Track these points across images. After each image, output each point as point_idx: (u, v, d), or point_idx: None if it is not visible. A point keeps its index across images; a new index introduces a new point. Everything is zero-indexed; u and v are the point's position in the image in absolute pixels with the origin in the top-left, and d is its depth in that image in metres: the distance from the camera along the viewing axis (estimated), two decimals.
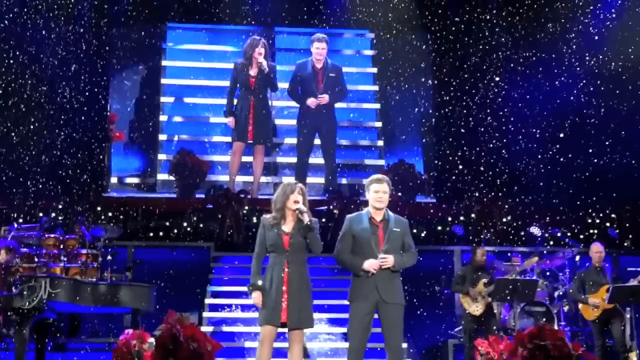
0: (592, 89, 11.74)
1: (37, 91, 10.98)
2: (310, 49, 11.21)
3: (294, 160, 11.65)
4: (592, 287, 9.59)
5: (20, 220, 9.46)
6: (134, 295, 8.59)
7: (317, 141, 11.41)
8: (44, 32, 11.03)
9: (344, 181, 11.83)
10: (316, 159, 11.65)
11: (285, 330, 7.19)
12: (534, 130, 11.69)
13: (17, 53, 10.96)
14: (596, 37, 11.79)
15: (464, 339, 9.54)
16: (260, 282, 7.09)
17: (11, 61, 10.94)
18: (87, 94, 11.21)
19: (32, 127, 10.84)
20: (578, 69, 11.74)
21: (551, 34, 11.85)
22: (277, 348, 7.71)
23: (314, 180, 11.76)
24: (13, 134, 10.73)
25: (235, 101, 11.06)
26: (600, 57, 11.73)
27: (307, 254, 7.26)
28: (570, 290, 9.82)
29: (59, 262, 8.78)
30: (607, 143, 11.57)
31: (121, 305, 8.60)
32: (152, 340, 7.57)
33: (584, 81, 11.73)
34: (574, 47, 11.77)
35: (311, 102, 10.96)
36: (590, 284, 9.62)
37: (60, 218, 9.87)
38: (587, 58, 11.76)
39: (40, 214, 9.81)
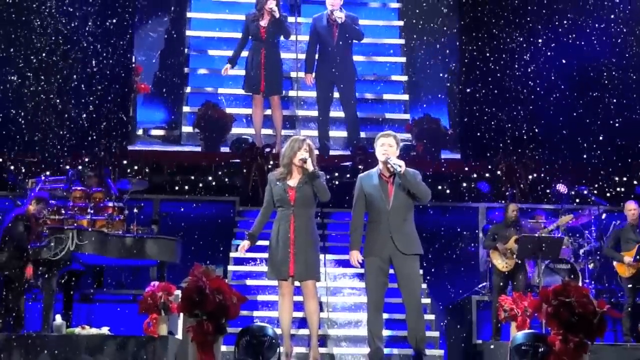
0: (619, 42, 11.56)
1: (62, 43, 10.97)
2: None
3: (316, 113, 11.63)
4: (627, 245, 9.50)
5: (47, 173, 9.50)
6: (160, 248, 8.65)
7: (337, 94, 11.38)
8: None
9: (363, 135, 11.74)
10: (340, 113, 11.61)
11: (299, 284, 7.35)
12: (561, 86, 11.55)
13: (41, 5, 10.93)
14: None
15: (493, 295, 9.54)
16: (253, 232, 7.48)
17: (35, 12, 10.91)
18: (112, 45, 11.19)
19: (57, 79, 10.85)
20: (607, 24, 11.54)
21: None
22: (300, 302, 7.79)
23: (337, 134, 11.74)
24: (39, 87, 10.74)
25: (246, 53, 11.14)
26: (632, 10, 11.52)
27: (314, 209, 7.45)
28: (606, 248, 9.77)
29: (86, 214, 8.83)
30: (634, 100, 11.41)
31: (147, 257, 8.65)
32: (178, 292, 7.65)
33: (612, 38, 11.54)
34: (604, 1, 11.58)
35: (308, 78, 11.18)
36: (626, 241, 9.54)
37: (86, 170, 9.91)
38: (618, 12, 11.55)
39: (67, 167, 9.86)
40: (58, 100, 10.78)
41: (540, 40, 11.67)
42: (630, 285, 9.48)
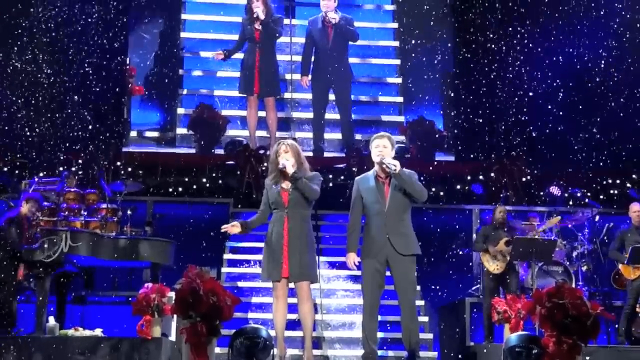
0: (615, 47, 11.59)
1: (56, 44, 10.95)
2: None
3: (312, 115, 11.63)
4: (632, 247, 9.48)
5: (41, 174, 9.48)
6: (154, 250, 8.63)
7: (332, 97, 11.39)
8: None
9: (358, 137, 11.74)
10: (334, 115, 11.62)
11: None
12: (555, 88, 11.57)
13: (36, 6, 10.92)
14: None
15: (484, 297, 9.55)
16: (248, 222, 7.60)
17: (29, 14, 10.89)
18: (106, 47, 11.17)
19: (51, 80, 10.83)
20: (602, 28, 11.57)
21: None
22: (294, 304, 7.78)
23: (332, 136, 11.75)
24: (33, 89, 10.72)
25: (242, 55, 11.21)
26: (626, 17, 11.56)
27: (309, 210, 7.46)
28: (610, 250, 9.75)
29: (79, 216, 8.81)
30: (628, 104, 11.43)
31: (141, 259, 8.63)
32: (171, 294, 7.64)
33: (607, 42, 11.56)
34: (599, 6, 11.60)
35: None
36: (630, 243, 9.48)
37: (80, 172, 9.89)
38: (612, 18, 11.59)
39: (61, 168, 9.84)
40: (52, 102, 10.75)
41: (533, 43, 11.68)
42: (633, 288, 9.41)
